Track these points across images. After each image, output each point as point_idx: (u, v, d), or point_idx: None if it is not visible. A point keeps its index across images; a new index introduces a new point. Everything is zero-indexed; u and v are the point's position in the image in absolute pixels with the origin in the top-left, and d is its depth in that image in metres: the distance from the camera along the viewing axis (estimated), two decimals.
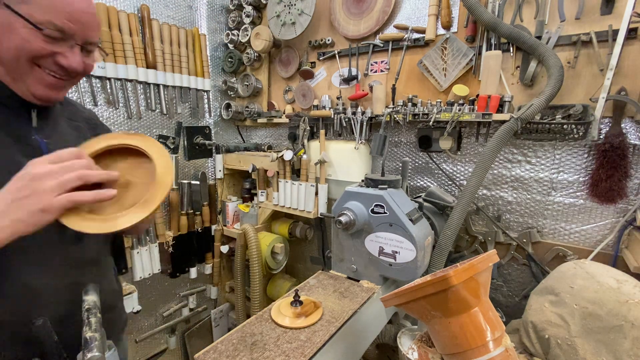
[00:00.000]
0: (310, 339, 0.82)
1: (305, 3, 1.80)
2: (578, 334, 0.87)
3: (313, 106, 1.93)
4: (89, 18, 0.66)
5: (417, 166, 1.75)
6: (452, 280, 0.58)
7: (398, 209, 1.07)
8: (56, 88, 0.68)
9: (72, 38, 0.65)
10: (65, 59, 0.65)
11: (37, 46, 0.62)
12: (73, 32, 0.64)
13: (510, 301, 1.58)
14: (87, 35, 0.67)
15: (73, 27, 0.63)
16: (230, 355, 0.76)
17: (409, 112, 1.55)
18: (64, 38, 0.64)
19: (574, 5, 1.26)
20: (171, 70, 1.90)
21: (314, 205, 1.77)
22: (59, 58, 0.64)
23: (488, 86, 1.38)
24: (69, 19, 0.63)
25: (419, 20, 1.62)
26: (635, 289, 0.88)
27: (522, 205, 1.50)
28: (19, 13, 0.59)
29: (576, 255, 1.37)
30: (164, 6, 1.89)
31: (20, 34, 0.60)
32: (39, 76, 0.65)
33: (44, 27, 0.61)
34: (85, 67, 0.69)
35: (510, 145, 1.48)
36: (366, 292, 1.08)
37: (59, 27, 0.62)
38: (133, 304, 1.67)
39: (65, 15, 0.62)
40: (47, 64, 0.65)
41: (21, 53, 0.62)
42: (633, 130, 1.25)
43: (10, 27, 0.60)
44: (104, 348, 0.59)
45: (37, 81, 0.65)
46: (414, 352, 0.78)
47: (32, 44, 0.61)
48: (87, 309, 0.65)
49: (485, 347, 0.61)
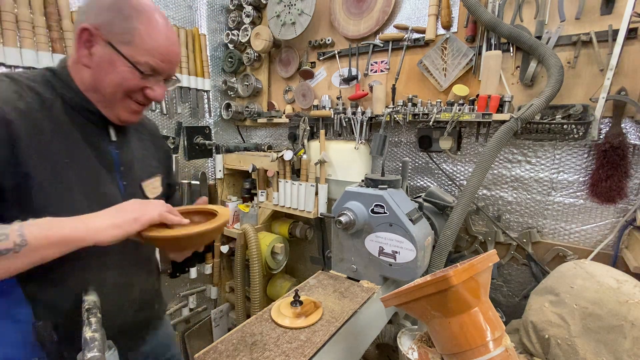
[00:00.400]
0: (310, 339, 0.82)
1: (305, 3, 1.80)
2: (578, 334, 0.87)
3: (313, 106, 1.93)
4: (176, 58, 0.77)
5: (417, 166, 1.75)
6: (452, 280, 0.58)
7: (398, 209, 1.07)
8: (137, 113, 0.80)
9: (160, 74, 0.76)
10: (153, 92, 0.76)
11: (134, 83, 0.72)
12: (163, 70, 0.75)
13: (510, 301, 1.58)
14: (172, 71, 0.78)
15: (165, 66, 0.74)
16: (230, 355, 0.76)
17: (409, 112, 1.55)
18: (154, 75, 0.74)
19: (574, 5, 1.26)
20: None
21: (314, 205, 1.77)
22: (148, 91, 0.75)
23: (488, 86, 1.38)
24: (163, 60, 0.73)
25: (419, 20, 1.62)
26: (635, 289, 0.88)
27: (522, 205, 1.50)
28: (122, 53, 0.68)
29: (576, 255, 1.37)
30: (164, 6, 1.89)
31: (120, 71, 0.70)
32: (127, 105, 0.76)
33: (143, 69, 0.71)
34: None
35: (510, 145, 1.48)
36: (366, 292, 1.08)
37: (153, 67, 0.72)
38: None
39: (160, 57, 0.72)
40: (137, 96, 0.76)
41: (119, 88, 0.72)
42: (633, 130, 1.25)
43: (112, 65, 0.69)
44: (104, 348, 0.59)
45: (125, 109, 0.76)
46: (414, 352, 0.78)
47: (130, 81, 0.71)
48: (87, 309, 0.65)
49: (485, 347, 0.61)
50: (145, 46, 0.70)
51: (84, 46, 0.70)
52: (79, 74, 0.73)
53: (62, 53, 1.48)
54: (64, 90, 0.72)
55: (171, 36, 0.75)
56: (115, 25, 0.68)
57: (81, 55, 0.71)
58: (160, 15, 0.73)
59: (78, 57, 0.71)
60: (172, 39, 0.75)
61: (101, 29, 0.68)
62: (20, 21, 1.36)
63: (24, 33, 1.37)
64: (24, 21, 1.37)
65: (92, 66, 0.71)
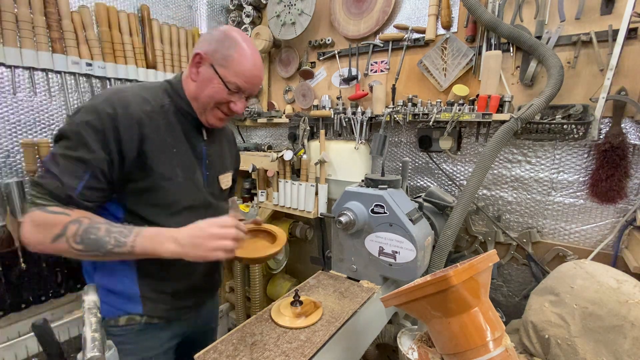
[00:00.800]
0: (310, 339, 0.82)
1: (305, 3, 1.80)
2: (578, 334, 0.87)
3: (313, 106, 1.93)
4: (258, 81, 0.95)
5: (417, 166, 1.75)
6: (452, 280, 0.58)
7: (398, 209, 1.07)
8: (223, 121, 0.99)
9: (243, 92, 0.94)
10: (235, 105, 0.94)
11: (222, 97, 0.91)
12: (246, 89, 0.93)
13: (510, 301, 1.58)
14: (253, 92, 0.96)
15: (247, 87, 0.92)
16: (230, 355, 0.76)
17: (409, 112, 1.55)
18: (238, 92, 0.93)
19: (574, 5, 1.26)
20: (171, 71, 1.90)
21: (314, 205, 1.77)
22: (232, 104, 0.94)
23: (488, 86, 1.38)
24: (247, 82, 0.91)
25: (419, 20, 1.62)
26: (635, 289, 0.88)
27: (522, 205, 1.50)
28: (218, 73, 0.89)
29: (576, 255, 1.37)
30: (164, 6, 1.89)
31: (214, 87, 0.90)
32: (215, 114, 0.96)
33: (231, 87, 0.90)
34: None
35: (510, 145, 1.48)
36: (366, 292, 1.08)
37: (239, 87, 0.91)
38: None
39: (245, 79, 0.91)
40: (223, 107, 0.95)
41: (211, 100, 0.92)
42: (633, 130, 1.25)
43: (210, 81, 0.90)
44: (104, 348, 0.59)
45: (213, 116, 0.96)
46: (414, 352, 0.78)
47: (220, 95, 0.91)
48: (87, 309, 0.65)
49: (485, 347, 0.61)
50: (236, 69, 0.89)
51: (195, 66, 0.91)
52: (187, 86, 0.95)
53: (62, 53, 1.48)
54: (176, 98, 0.95)
55: (257, 64, 0.93)
56: (218, 52, 0.88)
57: (191, 72, 0.92)
58: (251, 48, 0.92)
59: (189, 73, 0.93)
60: (258, 67, 0.93)
61: (208, 54, 0.89)
62: (20, 21, 1.36)
63: (24, 33, 1.37)
64: (24, 21, 1.37)
65: (197, 81, 0.92)
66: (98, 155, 0.79)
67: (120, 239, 0.77)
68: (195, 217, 0.85)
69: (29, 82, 1.43)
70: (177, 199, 0.93)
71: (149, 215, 0.90)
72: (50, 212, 0.75)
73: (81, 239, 0.75)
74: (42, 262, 1.44)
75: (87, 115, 0.79)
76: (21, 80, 1.41)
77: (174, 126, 0.93)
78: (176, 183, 0.92)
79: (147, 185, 0.88)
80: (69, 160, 0.78)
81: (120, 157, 0.82)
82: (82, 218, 0.77)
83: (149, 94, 0.91)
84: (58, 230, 0.74)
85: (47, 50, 1.44)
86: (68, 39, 1.49)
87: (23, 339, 1.35)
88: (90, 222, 0.77)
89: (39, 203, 0.76)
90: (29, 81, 1.43)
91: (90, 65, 1.57)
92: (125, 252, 0.77)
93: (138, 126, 0.84)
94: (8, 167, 1.39)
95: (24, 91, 1.42)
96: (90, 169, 0.78)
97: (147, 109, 0.87)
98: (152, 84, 0.97)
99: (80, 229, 0.75)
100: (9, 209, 1.36)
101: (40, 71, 1.45)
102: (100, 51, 1.61)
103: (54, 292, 1.49)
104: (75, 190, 0.77)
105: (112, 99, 0.83)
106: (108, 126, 0.80)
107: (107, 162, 0.80)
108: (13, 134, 1.40)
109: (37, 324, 0.61)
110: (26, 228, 0.76)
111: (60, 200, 0.77)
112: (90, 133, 0.78)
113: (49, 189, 0.76)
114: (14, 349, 1.33)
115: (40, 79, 1.46)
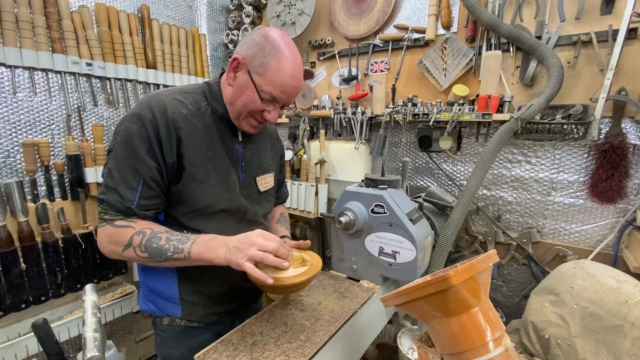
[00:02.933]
0: (310, 339, 0.82)
1: (305, 3, 1.80)
2: (578, 334, 0.87)
3: (313, 106, 1.93)
4: (294, 92, 0.91)
5: (417, 166, 1.75)
6: (452, 280, 0.58)
7: (398, 209, 1.07)
8: (255, 128, 0.97)
9: (278, 102, 0.90)
10: (269, 114, 0.91)
11: (256, 106, 0.88)
12: (281, 99, 0.89)
13: (510, 301, 1.58)
14: (289, 102, 0.93)
15: (283, 97, 0.88)
16: (230, 355, 0.76)
17: (409, 112, 1.55)
18: (273, 102, 0.89)
19: (574, 5, 1.26)
20: (171, 70, 1.90)
21: (314, 205, 1.77)
22: (265, 113, 0.91)
23: (488, 86, 1.38)
24: (282, 92, 0.87)
25: (419, 20, 1.62)
26: (635, 289, 0.88)
27: (522, 205, 1.50)
28: (254, 81, 0.86)
29: (576, 255, 1.37)
30: (164, 6, 1.89)
31: (249, 95, 0.87)
32: (249, 121, 0.94)
33: (264, 96, 0.87)
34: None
35: (510, 145, 1.48)
36: (366, 292, 1.08)
37: (274, 97, 0.87)
38: (133, 304, 1.67)
39: (280, 89, 0.87)
40: (257, 116, 0.92)
41: (246, 108, 0.89)
42: (633, 130, 1.25)
43: (245, 88, 0.87)
44: (104, 348, 0.59)
45: (246, 123, 0.94)
46: (414, 352, 0.78)
47: (254, 104, 0.88)
48: (87, 309, 0.65)
49: (485, 347, 0.61)
50: (272, 79, 0.85)
51: (232, 70, 0.89)
52: (225, 90, 0.94)
53: (62, 53, 1.48)
54: (213, 101, 0.94)
55: (296, 74, 0.88)
56: (256, 59, 0.85)
57: (229, 77, 0.90)
58: (293, 55, 0.87)
59: (227, 77, 0.91)
60: (296, 77, 0.89)
61: (246, 60, 0.86)
62: (20, 21, 1.36)
63: (24, 33, 1.37)
64: (24, 21, 1.37)
65: (234, 86, 0.90)
66: (148, 163, 0.82)
67: (178, 246, 0.81)
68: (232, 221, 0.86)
69: (29, 82, 1.43)
70: (210, 202, 0.92)
71: (185, 220, 0.92)
72: (117, 227, 0.82)
73: (145, 248, 0.81)
74: (42, 262, 1.44)
75: (131, 124, 0.83)
76: (21, 80, 1.41)
77: (210, 129, 0.93)
78: (209, 186, 0.91)
79: (181, 189, 0.88)
80: (122, 173, 0.82)
81: (164, 161, 0.85)
82: (145, 229, 0.82)
83: (186, 97, 0.91)
84: (126, 242, 0.81)
85: (47, 50, 1.44)
86: (68, 39, 1.49)
87: (23, 339, 1.35)
88: (152, 232, 0.82)
89: (107, 219, 0.83)
90: (29, 81, 1.43)
91: (90, 65, 1.57)
92: (182, 257, 0.81)
93: (174, 129, 0.85)
94: (8, 167, 1.39)
95: (24, 91, 1.42)
96: (141, 178, 0.82)
97: (183, 111, 0.88)
98: (191, 87, 0.97)
99: (144, 239, 0.81)
100: (9, 209, 1.36)
101: (40, 71, 1.45)
102: (100, 51, 1.61)
103: (54, 292, 1.49)
104: (133, 202, 0.82)
105: (150, 103, 0.85)
106: (151, 132, 0.82)
107: (157, 169, 0.84)
108: (13, 134, 1.40)
109: (37, 324, 0.61)
110: (101, 241, 0.84)
111: (123, 212, 0.83)
112: (136, 142, 0.82)
113: (111, 203, 0.82)
114: (14, 349, 1.32)
115: (40, 79, 1.46)
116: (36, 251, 1.41)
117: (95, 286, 0.75)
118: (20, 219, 1.37)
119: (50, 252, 1.44)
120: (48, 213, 1.44)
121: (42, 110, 1.48)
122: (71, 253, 1.51)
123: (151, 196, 0.84)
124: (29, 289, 1.41)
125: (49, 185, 1.49)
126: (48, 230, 1.44)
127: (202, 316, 1.01)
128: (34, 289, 1.42)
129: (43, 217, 1.42)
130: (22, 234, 1.37)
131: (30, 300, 1.42)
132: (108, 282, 1.72)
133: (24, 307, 1.41)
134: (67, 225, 1.50)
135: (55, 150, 1.52)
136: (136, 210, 0.83)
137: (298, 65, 0.89)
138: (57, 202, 1.51)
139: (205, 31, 2.10)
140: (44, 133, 1.49)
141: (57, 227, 1.50)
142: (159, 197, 0.86)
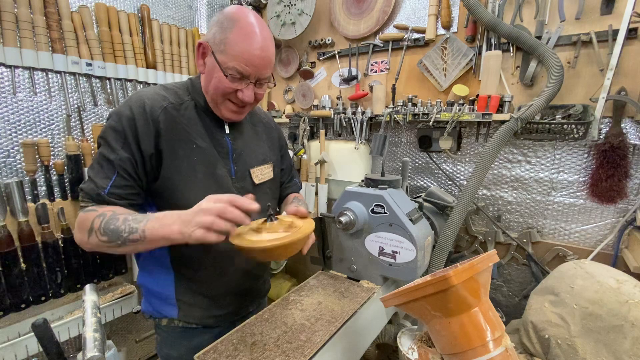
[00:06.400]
0: (310, 339, 0.82)
1: (305, 3, 1.80)
2: (578, 334, 0.87)
3: (313, 106, 1.93)
4: (261, 62, 0.84)
5: (417, 166, 1.75)
6: (452, 280, 0.58)
7: (398, 209, 1.07)
8: (237, 113, 0.92)
9: (248, 78, 0.85)
10: (243, 93, 0.86)
11: (226, 86, 0.84)
12: (248, 73, 0.83)
13: (510, 301, 1.58)
14: (259, 74, 0.86)
15: (249, 69, 0.82)
16: (230, 355, 0.76)
17: (409, 112, 1.55)
18: (241, 78, 0.84)
19: (574, 5, 1.26)
20: (171, 70, 1.90)
21: (314, 205, 1.77)
22: (239, 93, 0.86)
23: (488, 86, 1.38)
24: (246, 64, 0.82)
25: (419, 20, 1.62)
26: (635, 289, 0.88)
27: (522, 205, 1.50)
28: (217, 61, 0.82)
29: (576, 255, 1.37)
30: (164, 6, 1.89)
31: (217, 77, 0.83)
32: (227, 106, 0.90)
33: (230, 72, 0.82)
34: (255, 97, 0.90)
35: (510, 145, 1.48)
36: (366, 292, 1.08)
37: (239, 72, 0.82)
38: (133, 304, 1.67)
39: (244, 62, 0.81)
40: (233, 98, 0.88)
41: (217, 91, 0.86)
42: (633, 130, 1.25)
43: (214, 71, 0.84)
44: (104, 348, 0.59)
45: (226, 109, 0.90)
46: (414, 352, 0.78)
47: (223, 85, 0.84)
48: (87, 309, 0.65)
49: (485, 347, 0.61)
50: (233, 52, 0.80)
51: (200, 57, 0.87)
52: (202, 81, 0.90)
53: (62, 53, 1.48)
54: (195, 94, 0.93)
55: (257, 41, 0.82)
56: (216, 37, 0.82)
57: (199, 64, 0.88)
58: (253, 24, 0.81)
59: (197, 67, 0.89)
60: (258, 45, 0.82)
61: (209, 42, 0.83)
62: (20, 21, 1.36)
63: (24, 33, 1.37)
64: (24, 21, 1.37)
65: (205, 73, 0.87)
66: (121, 155, 0.82)
67: (133, 226, 0.75)
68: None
69: (29, 82, 1.43)
70: (197, 196, 0.83)
71: None
72: (85, 212, 0.80)
73: (104, 231, 0.76)
74: (42, 262, 1.44)
75: (111, 120, 0.84)
76: (21, 80, 1.41)
77: (195, 122, 0.91)
78: (195, 180, 0.89)
79: (166, 183, 0.87)
80: (100, 163, 0.83)
81: (141, 154, 0.84)
82: (107, 211, 0.78)
83: (169, 92, 0.91)
84: (89, 226, 0.78)
85: (47, 50, 1.44)
86: (68, 39, 1.49)
87: (23, 339, 1.35)
88: (112, 214, 0.78)
89: (82, 206, 0.83)
90: (29, 81, 1.43)
91: (90, 65, 1.57)
92: (138, 239, 0.74)
93: (153, 122, 0.84)
94: (8, 167, 1.39)
95: (24, 91, 1.42)
96: (116, 169, 0.82)
97: (163, 104, 0.87)
98: (175, 83, 0.97)
99: (103, 222, 0.77)
100: (9, 209, 1.36)
101: (40, 71, 1.45)
102: (100, 51, 1.61)
103: (54, 292, 1.49)
104: (104, 189, 0.81)
105: (131, 100, 0.86)
106: (127, 127, 0.82)
107: (130, 160, 0.83)
108: (13, 134, 1.40)
109: (37, 324, 0.61)
110: (74, 230, 0.83)
111: (95, 200, 0.82)
112: (112, 136, 0.83)
113: (86, 191, 0.82)
114: (14, 349, 1.32)
115: (40, 79, 1.46)
116: (36, 251, 1.41)
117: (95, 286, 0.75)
118: (20, 219, 1.37)
119: (50, 252, 1.44)
120: (48, 213, 1.44)
121: (42, 110, 1.48)
122: (71, 253, 1.51)
123: (124, 186, 0.83)
124: (29, 289, 1.41)
125: (49, 185, 1.49)
126: (48, 230, 1.44)
127: (200, 318, 1.00)
128: (34, 289, 1.42)
129: (43, 217, 1.43)
130: (22, 234, 1.37)
131: (30, 300, 1.42)
132: (108, 282, 1.72)
133: (24, 307, 1.41)
134: (67, 225, 1.50)
135: (55, 150, 1.52)
136: (107, 198, 0.81)
137: (261, 33, 0.82)
138: (57, 202, 1.52)
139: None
140: (44, 133, 1.49)
141: (57, 227, 1.50)
142: (132, 188, 0.85)
